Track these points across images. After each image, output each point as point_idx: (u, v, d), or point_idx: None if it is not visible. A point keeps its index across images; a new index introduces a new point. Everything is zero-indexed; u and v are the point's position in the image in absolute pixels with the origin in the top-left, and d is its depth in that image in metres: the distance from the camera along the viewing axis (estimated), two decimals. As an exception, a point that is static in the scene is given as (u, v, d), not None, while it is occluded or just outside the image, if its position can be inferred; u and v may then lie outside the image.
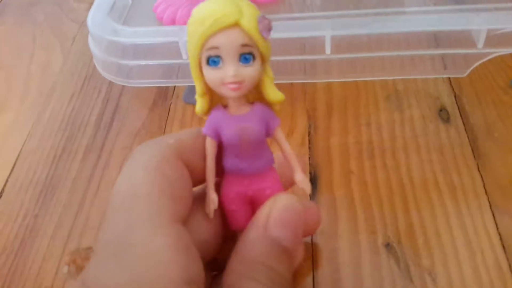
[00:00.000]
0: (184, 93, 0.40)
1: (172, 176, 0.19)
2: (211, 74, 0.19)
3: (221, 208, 0.22)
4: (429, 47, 0.34)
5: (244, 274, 0.18)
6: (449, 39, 0.33)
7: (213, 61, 0.19)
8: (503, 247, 0.28)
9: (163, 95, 0.41)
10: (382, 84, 0.39)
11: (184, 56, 0.33)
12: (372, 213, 0.31)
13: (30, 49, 0.48)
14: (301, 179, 0.21)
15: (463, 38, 0.32)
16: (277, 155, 0.22)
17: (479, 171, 0.33)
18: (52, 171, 0.36)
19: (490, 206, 0.30)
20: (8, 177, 0.36)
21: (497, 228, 0.29)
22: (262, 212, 0.20)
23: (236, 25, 0.18)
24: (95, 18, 0.34)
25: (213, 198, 0.21)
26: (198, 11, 0.19)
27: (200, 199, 0.22)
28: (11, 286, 0.30)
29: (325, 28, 0.33)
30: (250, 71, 0.19)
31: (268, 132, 0.21)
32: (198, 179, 0.21)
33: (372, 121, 0.37)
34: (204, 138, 0.21)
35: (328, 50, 0.33)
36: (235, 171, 0.21)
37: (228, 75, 0.19)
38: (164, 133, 0.38)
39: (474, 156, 0.33)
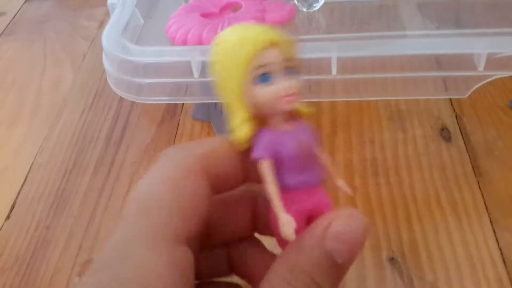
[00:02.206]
0: (192, 110, 0.41)
1: (190, 191, 0.19)
2: (264, 91, 0.19)
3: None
4: (431, 69, 0.36)
5: (287, 280, 0.18)
6: (450, 62, 0.34)
7: (265, 77, 0.19)
8: (504, 261, 0.29)
9: (172, 111, 0.42)
10: (385, 104, 0.40)
11: (195, 75, 0.34)
12: (376, 228, 0.32)
13: (41, 65, 0.50)
14: (343, 184, 0.22)
15: (464, 61, 0.33)
16: None
17: (479, 188, 0.34)
18: (63, 184, 0.37)
19: (491, 222, 0.31)
20: (20, 190, 0.37)
21: (498, 244, 0.30)
22: (322, 222, 0.19)
23: (275, 43, 0.19)
24: (109, 36, 0.35)
25: (289, 219, 0.19)
26: (231, 38, 0.20)
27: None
28: (23, 296, 0.31)
29: (331, 50, 0.34)
30: (298, 82, 0.20)
31: None
32: (222, 187, 0.21)
33: (375, 140, 0.38)
34: (230, 146, 0.21)
35: (334, 71, 0.34)
36: (300, 186, 0.21)
37: (284, 87, 0.19)
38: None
39: (475, 174, 0.35)
